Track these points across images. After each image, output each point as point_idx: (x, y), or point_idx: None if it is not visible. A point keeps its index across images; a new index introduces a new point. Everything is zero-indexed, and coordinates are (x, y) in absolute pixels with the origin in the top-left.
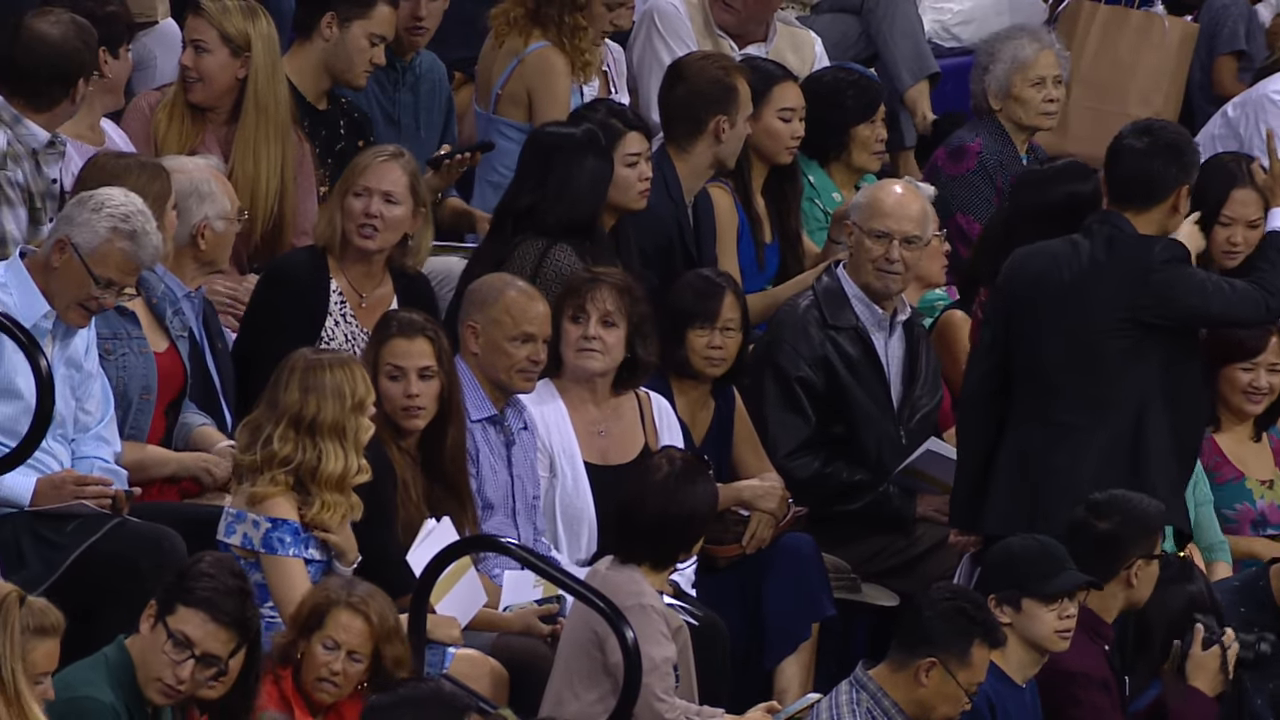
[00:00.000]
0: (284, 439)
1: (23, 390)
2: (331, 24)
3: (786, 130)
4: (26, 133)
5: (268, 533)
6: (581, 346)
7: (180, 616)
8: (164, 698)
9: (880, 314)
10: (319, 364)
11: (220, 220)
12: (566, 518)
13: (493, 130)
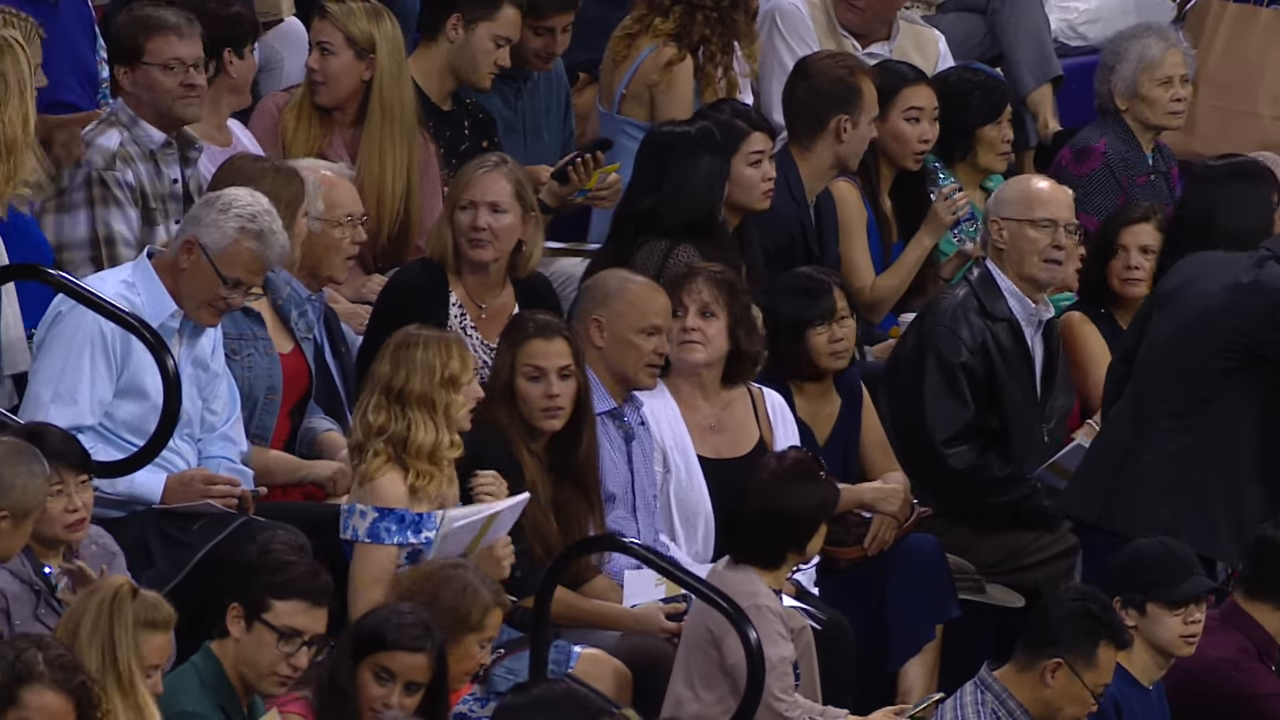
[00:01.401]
0: (377, 409)
1: (150, 390)
2: (457, 25)
3: (914, 132)
4: (143, 134)
5: (374, 523)
6: (682, 339)
7: (278, 611)
8: (281, 687)
9: (1033, 309)
10: (413, 339)
11: (315, 221)
12: (682, 512)
13: (616, 130)
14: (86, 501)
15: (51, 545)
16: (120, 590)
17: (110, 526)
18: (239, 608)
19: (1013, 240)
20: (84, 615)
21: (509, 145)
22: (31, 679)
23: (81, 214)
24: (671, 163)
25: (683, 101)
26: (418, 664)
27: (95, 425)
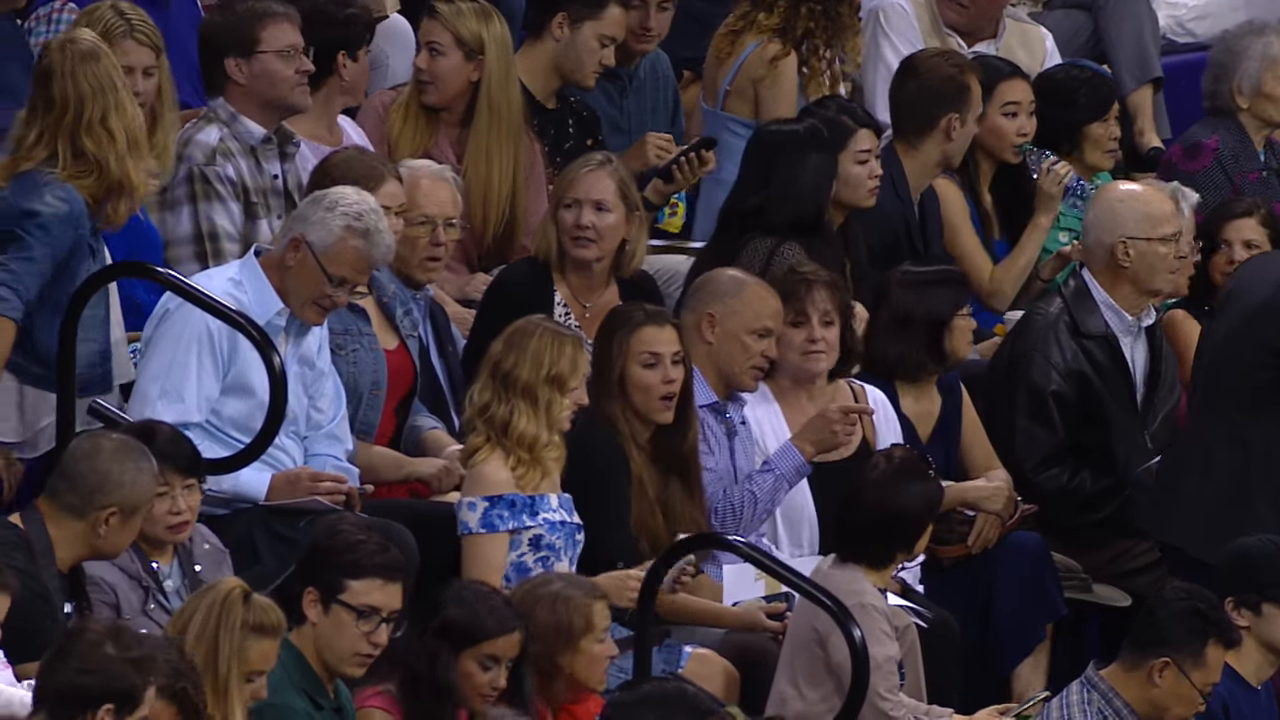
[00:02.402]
0: (485, 387)
1: (257, 387)
2: (563, 24)
3: (1012, 126)
4: (243, 130)
5: (486, 512)
6: (807, 350)
7: (355, 591)
8: (362, 667)
9: (1130, 321)
10: (531, 328)
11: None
12: (786, 516)
13: (720, 127)
14: (192, 504)
15: (156, 545)
16: (231, 593)
17: (216, 524)
18: (315, 592)
19: (1140, 258)
20: (194, 614)
21: (614, 144)
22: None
23: (184, 210)
24: (779, 161)
25: (787, 98)
26: (516, 642)
27: (202, 422)
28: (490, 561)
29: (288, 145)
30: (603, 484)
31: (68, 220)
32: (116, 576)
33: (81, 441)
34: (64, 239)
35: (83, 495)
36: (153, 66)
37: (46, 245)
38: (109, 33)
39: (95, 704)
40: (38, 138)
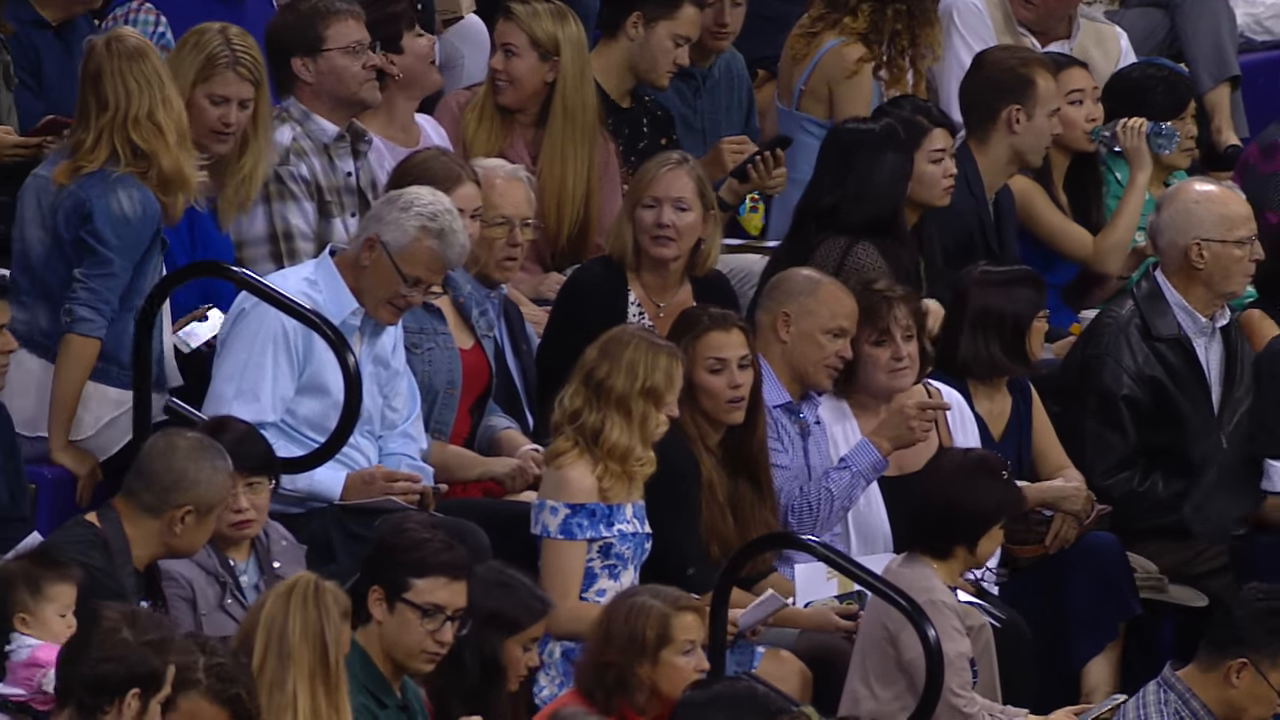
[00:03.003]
0: (577, 394)
1: (331, 387)
2: (637, 24)
3: (1079, 114)
4: (316, 128)
5: (566, 519)
6: (893, 368)
7: (420, 590)
8: (430, 664)
9: (1203, 322)
10: (627, 337)
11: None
12: (861, 534)
13: (795, 127)
14: (256, 504)
15: (229, 542)
16: (320, 585)
17: (291, 522)
18: (380, 590)
19: (1216, 261)
20: (289, 613)
21: (687, 143)
22: (189, 686)
23: (259, 210)
24: (856, 160)
25: (863, 97)
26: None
27: (277, 422)
28: (569, 568)
29: (360, 143)
30: (674, 488)
31: (145, 218)
32: (194, 572)
33: (157, 440)
34: (143, 237)
35: (158, 494)
36: (249, 100)
37: (123, 252)
38: (213, 60)
39: (122, 690)
40: (96, 140)
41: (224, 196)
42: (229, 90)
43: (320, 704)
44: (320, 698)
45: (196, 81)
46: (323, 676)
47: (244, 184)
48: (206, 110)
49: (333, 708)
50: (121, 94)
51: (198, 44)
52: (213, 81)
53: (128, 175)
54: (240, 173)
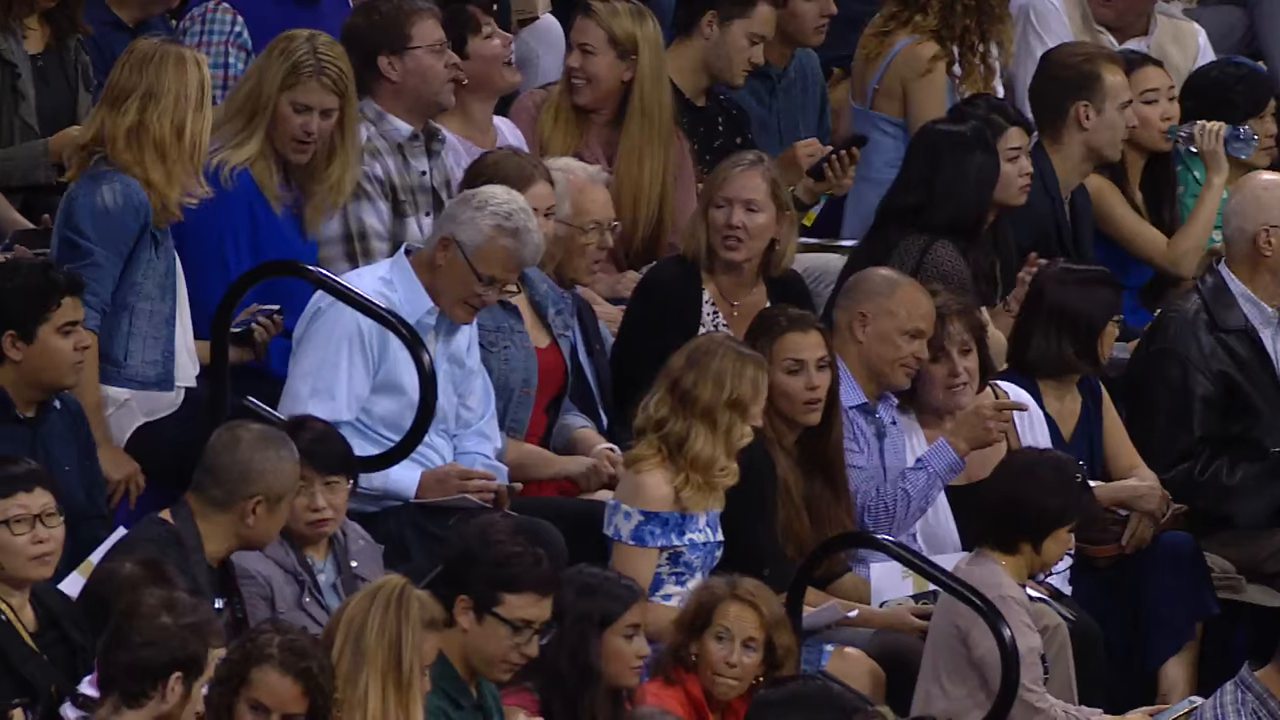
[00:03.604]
0: (662, 402)
1: (407, 386)
2: (712, 23)
3: (1155, 113)
4: (390, 128)
5: (639, 525)
6: (951, 384)
7: (511, 605)
8: (508, 674)
9: (1270, 312)
10: (714, 346)
11: (562, 224)
12: (929, 541)
13: (869, 125)
14: (334, 503)
15: (306, 540)
16: (405, 590)
17: (366, 521)
18: (468, 601)
19: None
20: (369, 614)
21: (764, 143)
22: (262, 660)
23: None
24: (944, 161)
25: (937, 96)
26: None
27: (352, 421)
28: (637, 573)
29: (434, 142)
30: (750, 488)
31: (126, 209)
32: (272, 570)
33: (221, 434)
34: (125, 229)
35: (227, 487)
36: (333, 109)
37: (105, 244)
38: (297, 68)
39: (164, 674)
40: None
41: (311, 204)
42: (311, 99)
43: (390, 706)
44: (390, 699)
45: (282, 88)
46: (395, 679)
47: (331, 191)
48: (289, 118)
49: (402, 710)
50: (117, 72)
51: (285, 51)
52: (296, 90)
53: (114, 172)
54: (328, 180)
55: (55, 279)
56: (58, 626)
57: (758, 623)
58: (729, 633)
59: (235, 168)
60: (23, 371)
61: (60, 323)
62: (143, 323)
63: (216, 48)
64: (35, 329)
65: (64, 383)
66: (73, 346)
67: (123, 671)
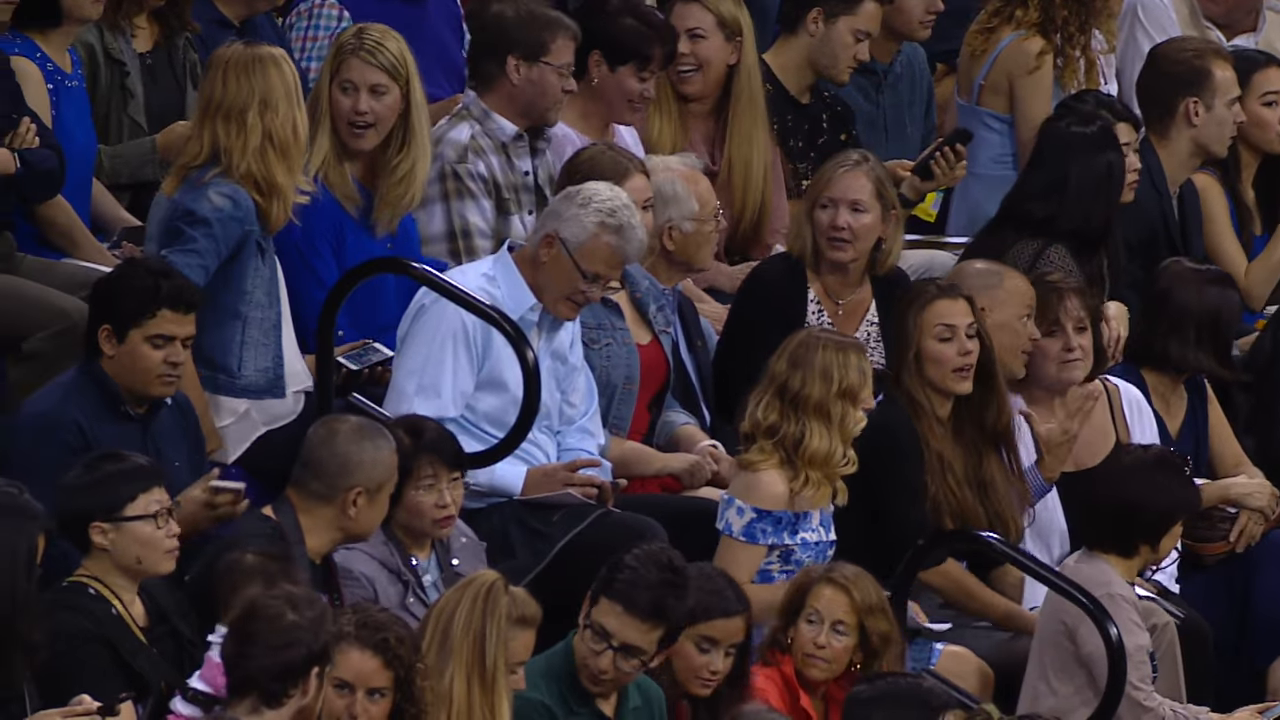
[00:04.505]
0: (769, 408)
1: (510, 382)
2: (817, 19)
3: (1273, 116)
4: (495, 127)
5: (751, 523)
6: (1064, 359)
7: (602, 608)
8: (595, 686)
9: None
10: (815, 341)
11: (687, 222)
12: (1036, 529)
13: (975, 121)
14: (456, 499)
15: (418, 538)
16: (494, 586)
17: (471, 517)
18: (589, 600)
19: None
20: (458, 608)
21: (870, 140)
22: (339, 638)
23: (437, 208)
24: (1071, 163)
25: (1044, 91)
26: (738, 627)
27: (457, 417)
28: (741, 569)
29: (539, 141)
30: (896, 464)
31: (232, 218)
32: (375, 570)
33: (317, 428)
34: (229, 235)
35: (327, 480)
36: (381, 86)
37: (207, 236)
38: (341, 49)
39: (305, 672)
40: (191, 136)
41: (380, 197)
42: (354, 75)
43: (475, 701)
44: (476, 695)
45: (331, 77)
46: (479, 675)
47: (401, 184)
48: (339, 100)
49: (487, 705)
50: (218, 87)
51: (334, 44)
52: (340, 70)
53: (221, 179)
54: (398, 174)
55: (159, 288)
56: (166, 621)
57: (848, 606)
58: (819, 615)
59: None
60: (114, 369)
61: (152, 331)
62: (255, 331)
63: (322, 42)
64: (127, 330)
65: (149, 392)
66: (162, 359)
67: (262, 675)
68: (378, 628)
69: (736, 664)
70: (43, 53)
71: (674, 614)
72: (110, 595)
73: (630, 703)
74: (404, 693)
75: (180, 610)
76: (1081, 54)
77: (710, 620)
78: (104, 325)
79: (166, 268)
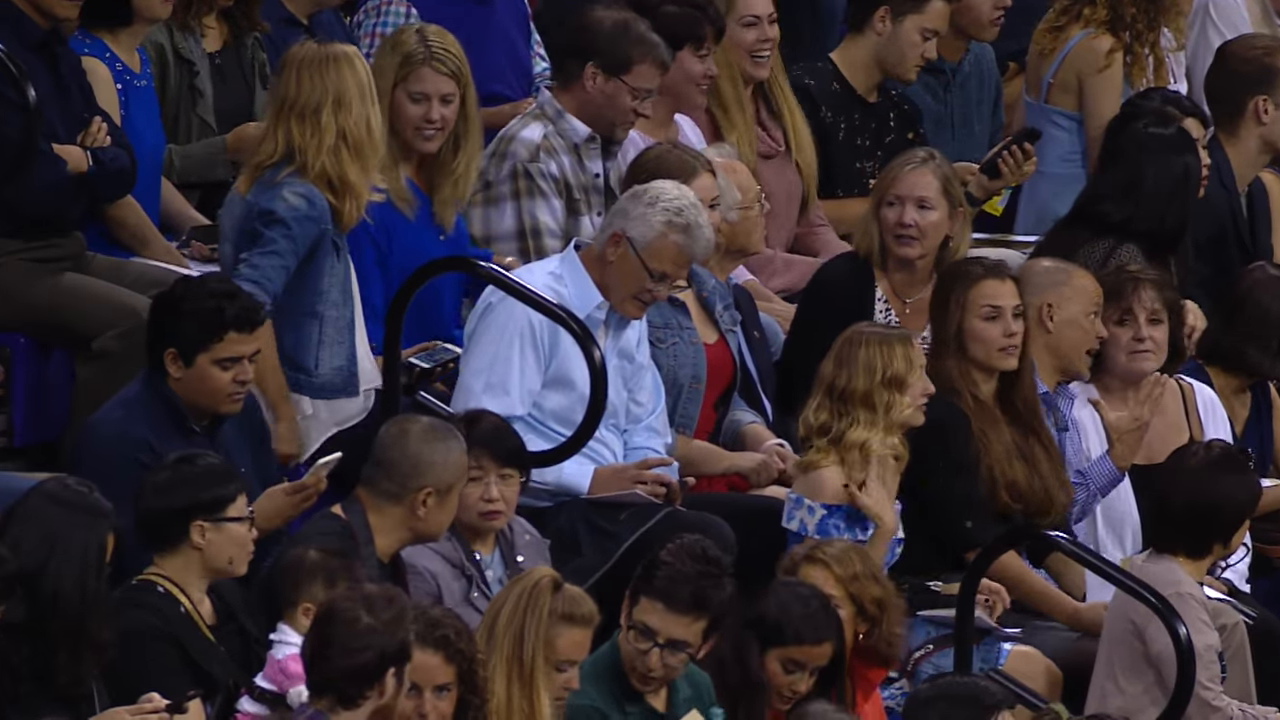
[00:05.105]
0: (819, 409)
1: (577, 381)
2: (885, 18)
3: None
4: (568, 127)
5: (822, 519)
6: (1134, 349)
7: (643, 607)
8: (645, 684)
9: None
10: (858, 337)
11: (733, 211)
12: (1108, 520)
13: (1044, 119)
14: (507, 495)
15: (478, 533)
16: (540, 583)
17: (538, 516)
18: (627, 601)
19: None
20: (504, 603)
21: (937, 139)
22: None
23: (508, 206)
24: (1149, 164)
25: (1114, 90)
26: (825, 652)
27: (524, 416)
28: None
29: (612, 144)
30: (942, 444)
31: (308, 217)
32: (440, 566)
33: (389, 428)
34: (306, 235)
35: (398, 480)
36: (451, 94)
37: (286, 236)
38: (409, 58)
39: (381, 674)
40: (264, 134)
41: (439, 199)
42: (427, 86)
43: (514, 695)
44: (515, 689)
45: (396, 82)
46: (517, 669)
47: (458, 184)
48: (408, 108)
49: (526, 700)
50: (292, 85)
51: (395, 46)
52: (410, 80)
53: (296, 179)
54: (454, 173)
55: (224, 310)
56: (234, 619)
57: (833, 580)
58: None
59: None
60: (182, 390)
61: (221, 355)
62: (330, 330)
63: None
64: (195, 355)
65: (219, 410)
66: (232, 379)
67: (339, 678)
68: (435, 624)
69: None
70: (112, 52)
71: (715, 604)
72: (179, 593)
73: (680, 694)
74: (467, 685)
75: (248, 608)
76: (1150, 51)
77: (801, 645)
78: (169, 348)
79: (230, 288)
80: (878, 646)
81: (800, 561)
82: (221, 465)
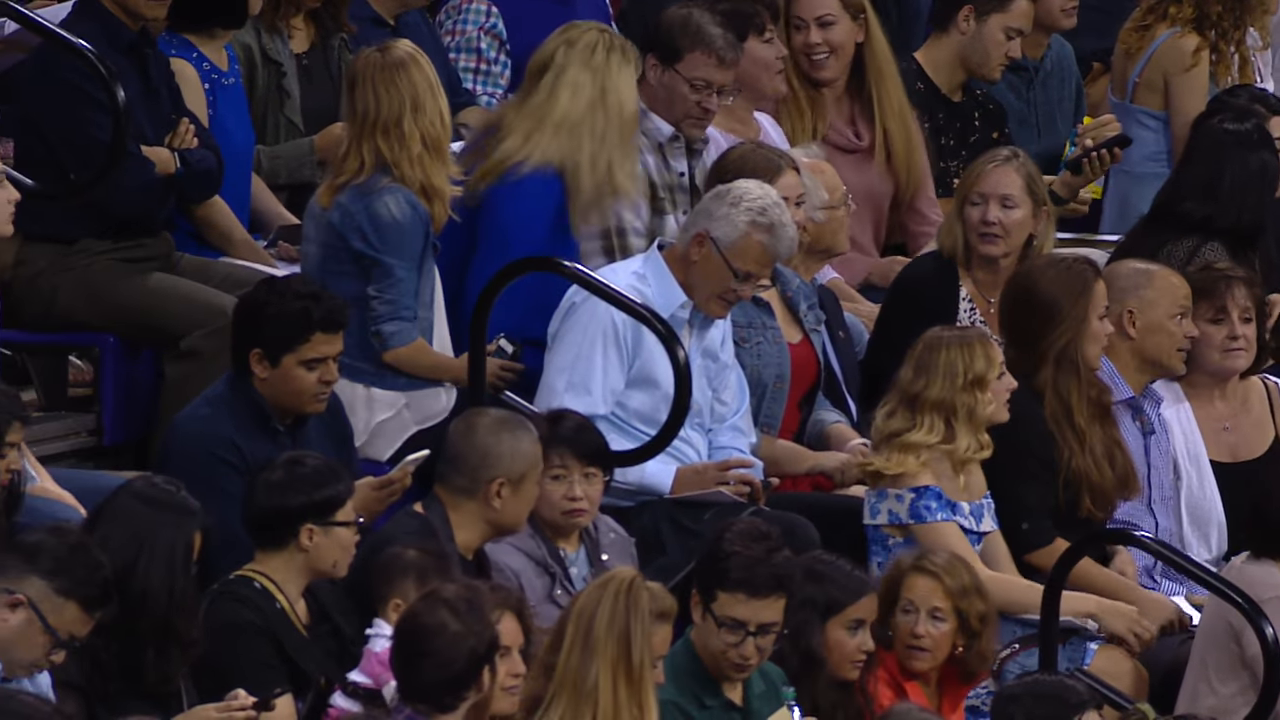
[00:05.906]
0: (890, 415)
1: (661, 380)
2: (969, 17)
3: None
4: (652, 126)
5: (913, 503)
6: (1228, 347)
7: (722, 602)
8: (739, 674)
9: None
10: (937, 342)
11: (819, 211)
12: (1194, 518)
13: (1130, 119)
14: (590, 494)
15: (561, 530)
16: (635, 582)
17: (622, 516)
18: (698, 596)
19: None
20: (599, 606)
21: (1021, 137)
22: None
23: None
24: (1228, 161)
25: (1200, 89)
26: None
27: (608, 415)
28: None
29: (696, 143)
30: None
31: (414, 221)
32: (521, 563)
33: (458, 423)
34: (415, 239)
35: (469, 474)
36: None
37: (402, 256)
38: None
39: (477, 675)
40: (347, 150)
41: None
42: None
43: (622, 698)
44: (622, 692)
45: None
46: (625, 672)
47: None
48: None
49: (635, 704)
50: (370, 100)
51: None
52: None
53: (389, 184)
54: None
55: (311, 312)
56: (329, 619)
57: (942, 593)
58: (914, 605)
59: None
60: (267, 390)
61: (307, 356)
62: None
63: (469, 35)
64: (281, 356)
65: (303, 410)
66: (317, 379)
67: (435, 687)
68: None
69: None
70: (199, 53)
71: (791, 578)
72: (276, 591)
73: (755, 689)
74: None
75: (341, 608)
76: (1235, 50)
77: (857, 602)
78: (254, 349)
79: (316, 289)
80: (971, 662)
81: (907, 570)
82: (330, 465)
